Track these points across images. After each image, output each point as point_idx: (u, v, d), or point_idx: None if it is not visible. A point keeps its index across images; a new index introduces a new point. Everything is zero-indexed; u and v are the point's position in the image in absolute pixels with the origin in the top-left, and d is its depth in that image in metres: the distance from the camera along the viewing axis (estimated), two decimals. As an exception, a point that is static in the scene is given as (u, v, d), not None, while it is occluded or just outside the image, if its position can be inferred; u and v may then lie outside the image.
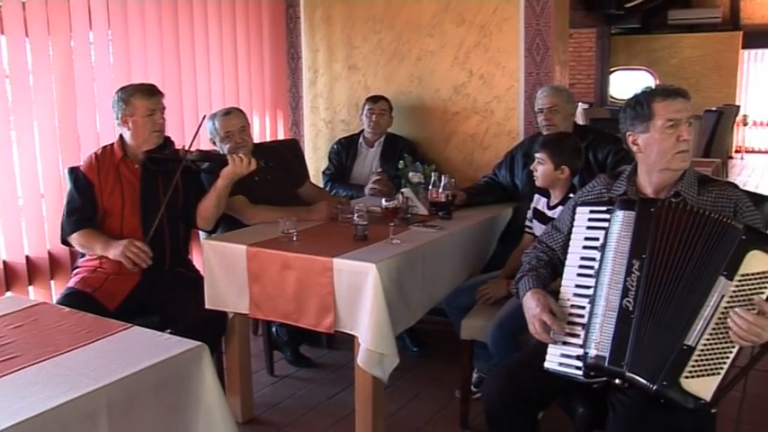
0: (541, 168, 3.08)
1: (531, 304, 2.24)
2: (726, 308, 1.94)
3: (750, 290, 1.94)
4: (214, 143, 3.58)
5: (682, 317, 1.98)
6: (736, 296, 1.94)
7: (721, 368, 1.93)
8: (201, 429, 1.95)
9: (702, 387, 1.93)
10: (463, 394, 3.14)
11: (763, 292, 1.93)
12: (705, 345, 1.94)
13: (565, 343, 2.15)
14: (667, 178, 2.23)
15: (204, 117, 3.37)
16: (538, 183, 3.13)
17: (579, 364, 2.10)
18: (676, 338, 1.96)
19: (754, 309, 1.91)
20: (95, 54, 3.76)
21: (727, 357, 1.93)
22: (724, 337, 1.93)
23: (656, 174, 2.24)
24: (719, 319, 1.94)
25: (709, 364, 1.93)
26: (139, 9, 3.92)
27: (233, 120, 3.52)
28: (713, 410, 1.95)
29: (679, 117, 2.16)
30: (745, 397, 3.34)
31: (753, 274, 1.94)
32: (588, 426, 2.20)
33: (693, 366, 1.93)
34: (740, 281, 1.94)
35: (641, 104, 2.22)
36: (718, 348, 1.93)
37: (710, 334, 1.94)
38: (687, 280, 2.01)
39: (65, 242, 3.09)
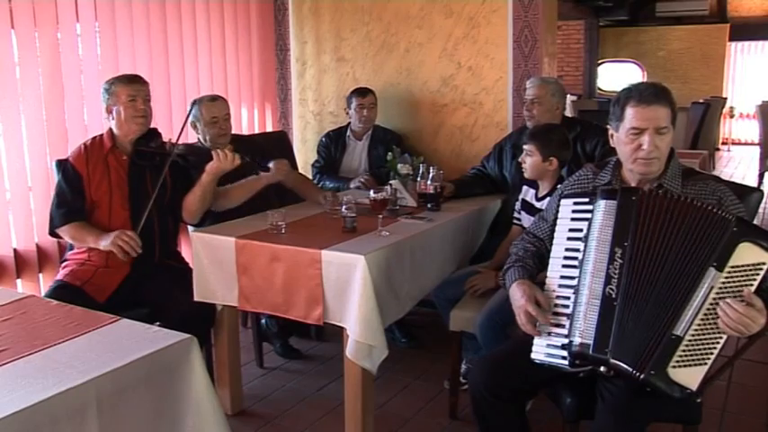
0: (530, 160, 3.09)
1: (517, 295, 2.25)
2: (715, 299, 1.95)
3: (739, 282, 1.95)
4: (195, 127, 3.55)
5: (668, 306, 1.99)
6: (726, 288, 1.95)
7: (708, 358, 1.95)
8: (191, 422, 1.95)
9: (689, 377, 1.94)
10: (452, 385, 3.16)
11: (752, 285, 1.94)
12: (693, 335, 1.95)
13: (551, 334, 2.16)
14: (641, 175, 2.24)
15: (191, 108, 3.35)
16: (526, 174, 3.14)
17: (565, 353, 2.11)
18: (664, 328, 1.98)
19: (743, 301, 1.93)
20: (82, 46, 3.74)
21: (715, 348, 1.95)
22: (712, 328, 1.95)
23: (628, 171, 2.28)
24: (708, 309, 1.95)
25: (697, 355, 1.95)
26: (127, 0, 3.90)
27: (219, 106, 3.53)
28: (698, 400, 1.97)
29: (644, 127, 2.14)
30: (730, 386, 3.37)
31: (742, 266, 1.95)
32: (576, 415, 2.21)
33: (681, 356, 1.95)
34: (730, 272, 1.95)
35: (618, 103, 2.21)
36: (705, 339, 1.95)
37: (699, 324, 1.95)
38: (672, 267, 2.02)
39: (53, 234, 3.08)
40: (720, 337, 1.95)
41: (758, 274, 1.94)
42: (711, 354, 1.95)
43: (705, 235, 2.00)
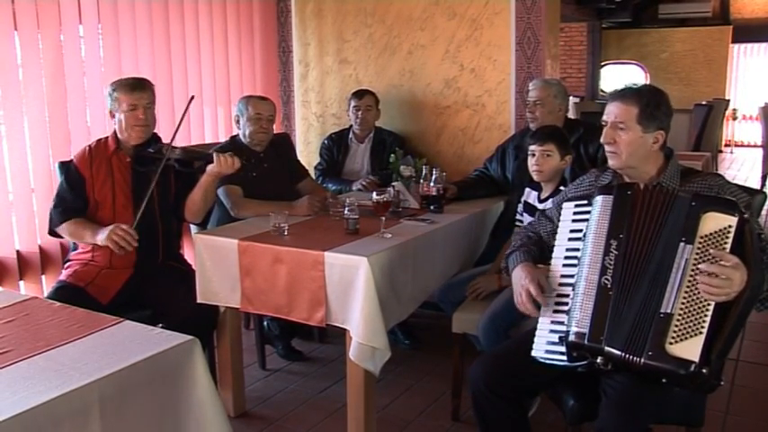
0: (550, 161, 3.06)
1: (521, 275, 2.28)
2: (693, 271, 1.98)
3: (712, 249, 1.99)
4: (237, 122, 3.66)
5: (654, 290, 2.03)
6: (700, 258, 1.99)
7: (702, 328, 1.95)
8: (193, 423, 1.95)
9: (688, 349, 1.95)
10: (455, 387, 3.15)
11: (723, 249, 1.97)
12: (682, 309, 1.98)
13: (551, 331, 2.18)
14: (635, 173, 2.27)
15: (189, 103, 3.29)
16: (540, 177, 3.10)
17: (563, 349, 2.13)
18: (652, 310, 2.01)
19: (714, 262, 1.96)
20: (85, 48, 3.74)
21: (706, 316, 1.96)
22: (697, 298, 1.97)
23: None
24: (690, 282, 1.98)
25: (690, 326, 1.97)
26: (130, 2, 3.90)
27: (267, 106, 3.66)
28: (703, 370, 1.93)
29: (606, 119, 2.30)
30: (733, 388, 3.37)
31: (711, 234, 1.99)
32: (578, 418, 2.21)
33: (675, 331, 1.97)
34: (701, 243, 2.00)
35: None
36: (694, 309, 1.97)
37: (685, 298, 1.99)
38: (657, 255, 2.06)
39: (52, 233, 3.09)
40: (709, 305, 1.96)
41: (728, 238, 1.98)
42: (704, 322, 1.95)
43: (672, 217, 2.06)
